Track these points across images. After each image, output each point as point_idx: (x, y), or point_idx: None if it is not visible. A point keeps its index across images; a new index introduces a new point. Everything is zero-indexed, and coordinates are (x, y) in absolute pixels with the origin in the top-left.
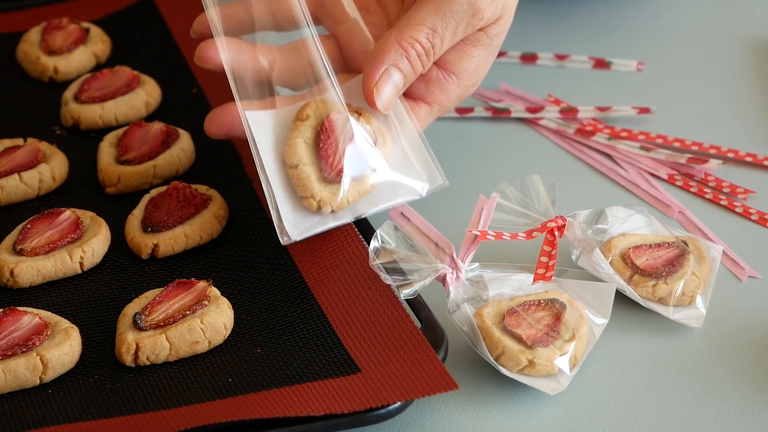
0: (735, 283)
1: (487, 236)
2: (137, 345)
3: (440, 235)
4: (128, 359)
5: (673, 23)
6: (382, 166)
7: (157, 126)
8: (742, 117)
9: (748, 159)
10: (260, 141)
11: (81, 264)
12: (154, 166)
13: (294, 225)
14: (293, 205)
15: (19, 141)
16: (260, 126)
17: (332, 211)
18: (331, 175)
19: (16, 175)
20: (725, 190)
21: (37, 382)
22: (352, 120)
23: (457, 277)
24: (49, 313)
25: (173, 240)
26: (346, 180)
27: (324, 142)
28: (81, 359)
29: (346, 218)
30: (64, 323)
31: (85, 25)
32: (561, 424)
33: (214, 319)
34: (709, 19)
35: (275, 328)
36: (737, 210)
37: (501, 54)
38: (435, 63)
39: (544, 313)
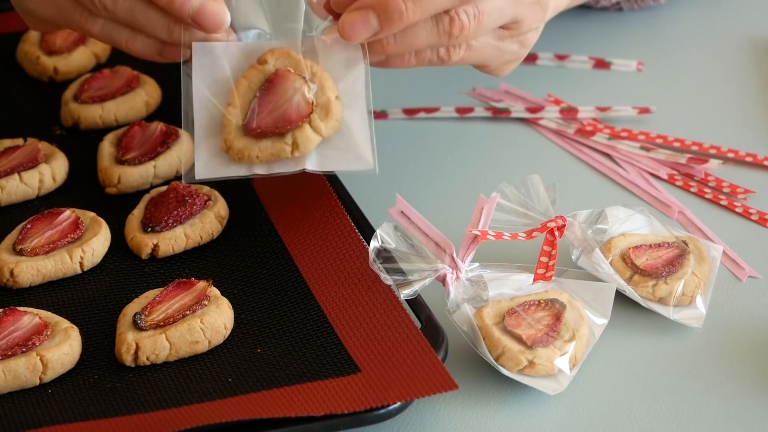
0: (735, 283)
1: (488, 236)
2: (137, 345)
3: (440, 235)
4: (128, 359)
5: (673, 23)
6: (312, 139)
7: (157, 126)
8: (742, 117)
9: (748, 159)
10: (199, 71)
11: (81, 264)
12: (154, 166)
13: (204, 162)
14: (214, 144)
15: (19, 141)
16: (208, 56)
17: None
18: (250, 129)
19: (16, 175)
20: (725, 190)
21: (37, 382)
22: (302, 86)
23: (457, 277)
24: (49, 313)
25: (173, 240)
26: (265, 140)
27: (263, 95)
28: (81, 359)
29: (261, 171)
30: (64, 323)
31: None
32: (561, 424)
33: (213, 319)
34: (709, 19)
35: (275, 328)
36: (737, 210)
37: None
38: None
39: (544, 313)
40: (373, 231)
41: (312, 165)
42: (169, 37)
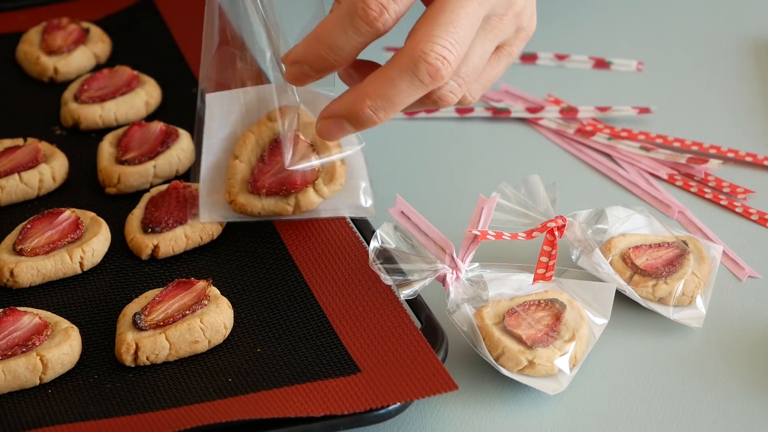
0: (735, 283)
1: (488, 236)
2: (137, 345)
3: (440, 235)
4: (128, 359)
5: (673, 23)
6: (314, 202)
7: (157, 126)
8: (742, 117)
9: (748, 159)
10: (209, 120)
11: (81, 264)
12: (154, 166)
13: (208, 207)
14: (217, 192)
15: (19, 141)
16: (218, 105)
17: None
18: (255, 186)
19: (16, 175)
20: (725, 190)
21: (37, 382)
22: (310, 153)
23: (457, 277)
24: (49, 313)
25: (173, 241)
26: (268, 198)
27: (269, 155)
28: (81, 359)
29: (266, 218)
30: (64, 323)
31: (85, 25)
32: (561, 424)
33: (213, 319)
34: (709, 19)
35: (275, 328)
36: (737, 210)
37: None
38: None
39: (544, 313)
40: (373, 231)
41: (315, 215)
42: None
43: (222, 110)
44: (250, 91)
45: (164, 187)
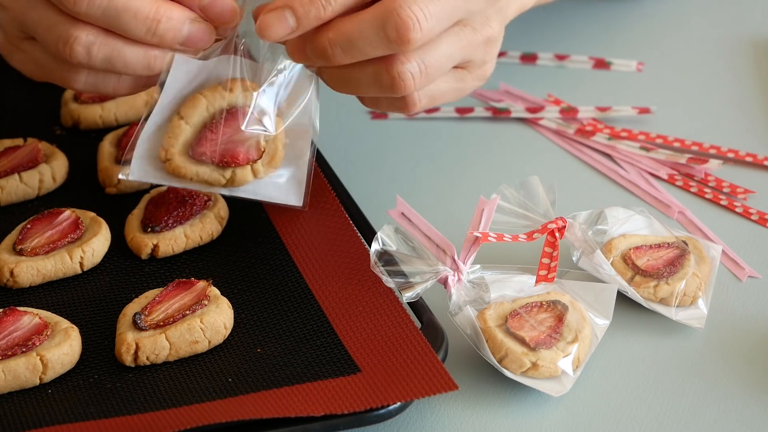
0: (735, 283)
1: (489, 238)
2: (137, 345)
3: (441, 237)
4: (128, 359)
5: (673, 23)
6: (249, 180)
7: None
8: (742, 117)
9: (748, 159)
10: (171, 78)
11: (81, 264)
12: None
13: (141, 166)
14: (154, 149)
15: (19, 141)
16: (183, 69)
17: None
18: (195, 151)
19: (16, 175)
20: (725, 190)
21: (37, 382)
22: (260, 134)
23: (459, 279)
24: (49, 313)
25: (173, 240)
26: (204, 166)
27: (216, 125)
28: (81, 359)
29: (194, 187)
30: (64, 323)
31: None
32: (561, 424)
33: (213, 319)
34: (709, 19)
35: (275, 328)
36: (737, 210)
37: (501, 54)
38: None
39: (546, 315)
40: (374, 231)
41: (243, 192)
42: (150, 72)
43: (187, 75)
44: (218, 60)
45: (164, 188)
